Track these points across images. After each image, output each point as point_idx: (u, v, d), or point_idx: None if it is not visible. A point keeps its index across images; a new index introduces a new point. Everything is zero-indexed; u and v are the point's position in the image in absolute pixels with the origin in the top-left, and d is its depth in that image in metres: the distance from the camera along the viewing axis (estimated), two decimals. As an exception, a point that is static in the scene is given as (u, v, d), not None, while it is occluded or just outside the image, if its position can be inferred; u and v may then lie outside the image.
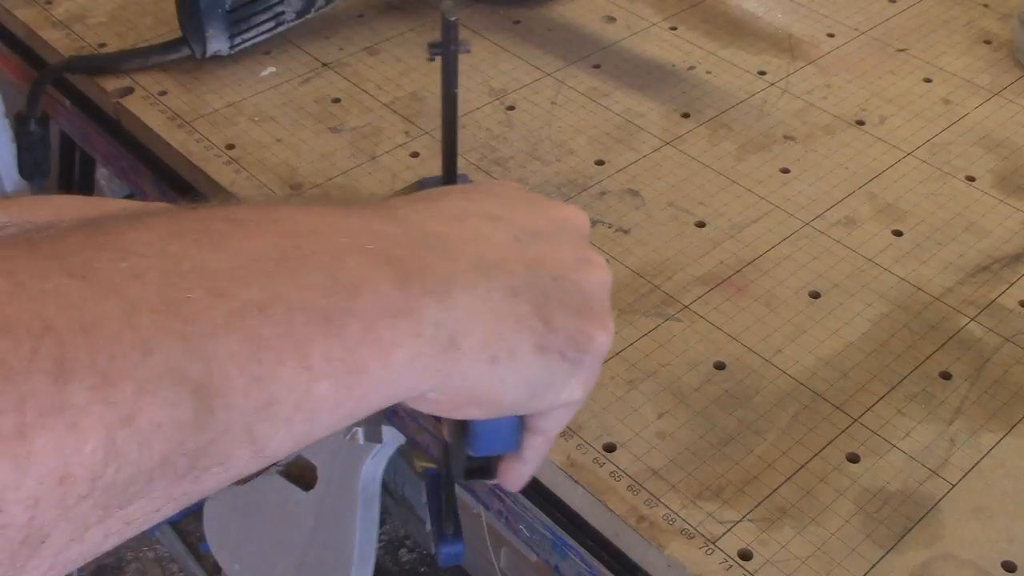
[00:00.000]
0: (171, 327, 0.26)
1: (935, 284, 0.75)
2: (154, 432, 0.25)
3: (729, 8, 1.03)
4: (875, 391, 0.67)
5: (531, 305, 0.36)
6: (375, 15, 1.01)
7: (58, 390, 0.24)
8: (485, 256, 0.35)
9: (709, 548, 0.58)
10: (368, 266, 0.31)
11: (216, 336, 0.27)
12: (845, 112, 0.90)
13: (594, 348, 0.39)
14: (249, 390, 0.27)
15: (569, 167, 0.84)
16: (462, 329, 0.33)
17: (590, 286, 0.40)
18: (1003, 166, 0.85)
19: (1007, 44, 0.98)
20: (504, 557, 0.74)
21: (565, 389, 0.39)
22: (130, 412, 0.25)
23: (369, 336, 0.30)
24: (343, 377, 0.30)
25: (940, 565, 0.58)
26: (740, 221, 0.80)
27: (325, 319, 0.29)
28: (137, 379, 0.25)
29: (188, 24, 0.90)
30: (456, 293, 0.33)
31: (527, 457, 0.44)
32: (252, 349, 0.28)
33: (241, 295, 0.28)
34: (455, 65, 0.46)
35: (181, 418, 0.26)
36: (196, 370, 0.26)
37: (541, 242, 0.39)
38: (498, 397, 0.36)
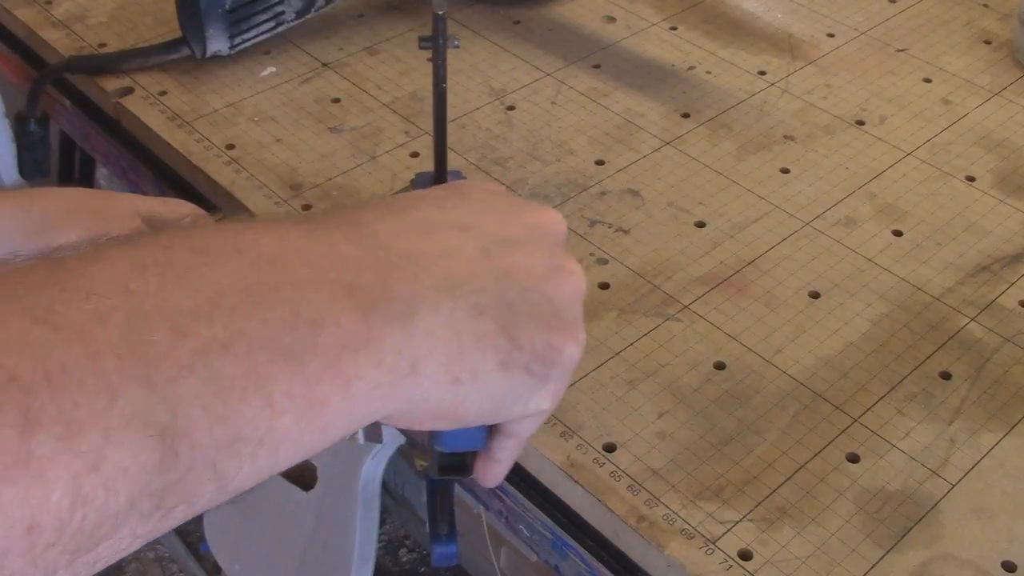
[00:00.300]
0: (135, 372, 0.26)
1: (935, 284, 0.75)
2: (120, 476, 0.26)
3: (729, 8, 1.03)
4: (875, 391, 0.67)
5: (496, 323, 0.36)
6: (375, 15, 1.01)
7: (24, 442, 0.24)
8: (452, 272, 0.35)
9: (709, 548, 0.58)
10: (330, 300, 0.31)
11: (180, 378, 0.27)
12: (845, 112, 0.90)
13: (562, 361, 0.38)
14: (213, 429, 0.28)
15: (569, 167, 0.84)
16: (422, 353, 0.33)
17: (561, 296, 0.39)
18: (1003, 166, 0.85)
19: (1007, 44, 0.98)
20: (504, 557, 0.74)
21: (531, 401, 0.38)
22: (96, 459, 0.25)
23: (330, 371, 0.30)
24: (304, 411, 0.30)
25: (940, 565, 0.58)
26: (740, 221, 0.80)
27: (287, 356, 0.29)
28: (102, 426, 0.25)
29: (188, 24, 0.90)
30: (418, 317, 0.33)
31: (499, 457, 0.44)
32: (216, 389, 0.28)
33: (204, 333, 0.28)
34: (444, 59, 0.46)
35: (147, 461, 0.26)
36: (161, 413, 0.26)
37: (513, 251, 0.38)
38: (461, 414, 0.36)
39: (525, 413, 0.39)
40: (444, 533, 0.55)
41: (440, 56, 0.46)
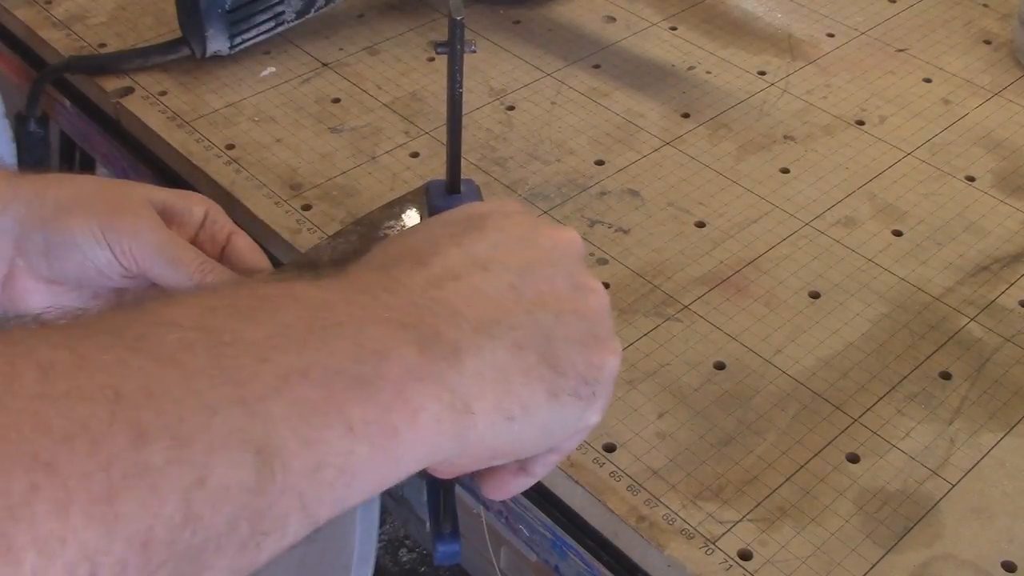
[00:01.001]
0: (228, 392, 0.27)
1: (935, 284, 0.75)
2: (223, 494, 0.26)
3: (729, 8, 1.03)
4: (875, 391, 0.67)
5: (537, 355, 0.36)
6: (375, 15, 1.01)
7: (138, 452, 0.25)
8: (486, 314, 0.36)
9: (709, 548, 0.58)
10: (388, 333, 0.32)
11: (268, 399, 0.28)
12: (845, 112, 0.90)
13: (604, 376, 0.39)
14: (302, 452, 0.28)
15: (569, 167, 0.84)
16: (474, 392, 0.34)
17: (591, 313, 0.40)
18: (1003, 166, 0.85)
19: (1007, 44, 0.98)
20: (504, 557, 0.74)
21: (581, 420, 0.39)
22: (202, 473, 0.26)
23: (399, 399, 0.31)
24: (378, 440, 0.30)
25: (940, 565, 0.58)
26: (740, 221, 0.80)
27: (360, 383, 0.30)
28: (206, 440, 0.26)
29: (188, 24, 0.90)
30: (464, 359, 0.34)
31: (536, 472, 0.44)
32: (301, 412, 0.29)
33: (284, 361, 0.29)
34: (461, 64, 0.46)
35: (245, 480, 0.27)
36: (256, 431, 0.27)
37: (537, 279, 0.39)
38: (518, 449, 0.37)
39: (577, 429, 0.40)
40: (447, 531, 0.55)
41: (457, 61, 0.46)
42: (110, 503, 0.24)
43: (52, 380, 0.25)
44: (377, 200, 0.80)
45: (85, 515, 0.23)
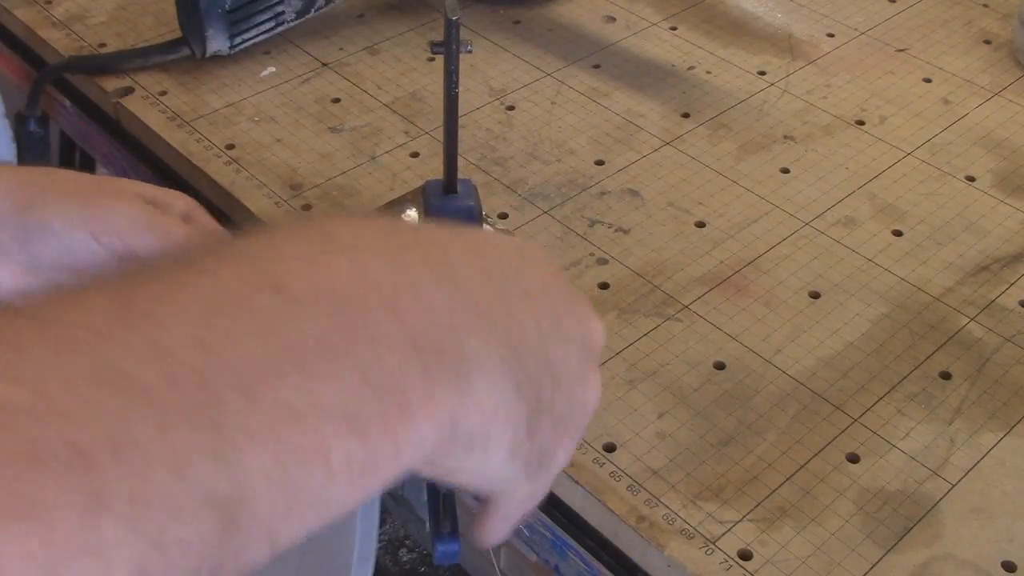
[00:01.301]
0: (204, 443, 0.25)
1: (935, 284, 0.75)
2: (182, 552, 0.25)
3: (729, 8, 1.03)
4: (875, 391, 0.67)
5: (527, 410, 0.35)
6: (375, 15, 1.01)
7: (89, 525, 0.23)
8: (513, 343, 0.34)
9: (709, 548, 0.58)
10: (400, 363, 0.30)
11: (247, 451, 0.26)
12: (845, 112, 0.90)
13: (553, 466, 0.38)
14: (273, 499, 0.27)
15: (569, 167, 0.84)
16: (463, 416, 0.33)
17: (579, 405, 0.38)
18: (1003, 166, 0.85)
19: (1007, 44, 0.98)
20: (504, 557, 0.74)
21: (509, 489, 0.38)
22: (160, 537, 0.24)
23: (387, 437, 0.30)
24: (358, 478, 0.29)
25: (940, 565, 0.58)
26: (740, 221, 0.80)
27: (350, 423, 0.29)
28: (168, 505, 0.24)
29: (188, 24, 0.90)
30: (475, 379, 0.33)
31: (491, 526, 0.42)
32: (281, 460, 0.27)
33: (275, 396, 0.27)
34: (457, 64, 0.46)
35: (207, 534, 0.25)
36: (225, 488, 0.26)
37: (558, 344, 0.37)
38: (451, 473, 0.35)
39: (500, 495, 0.39)
40: (447, 531, 0.55)
41: (452, 62, 0.46)
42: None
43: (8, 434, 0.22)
44: (377, 200, 0.80)
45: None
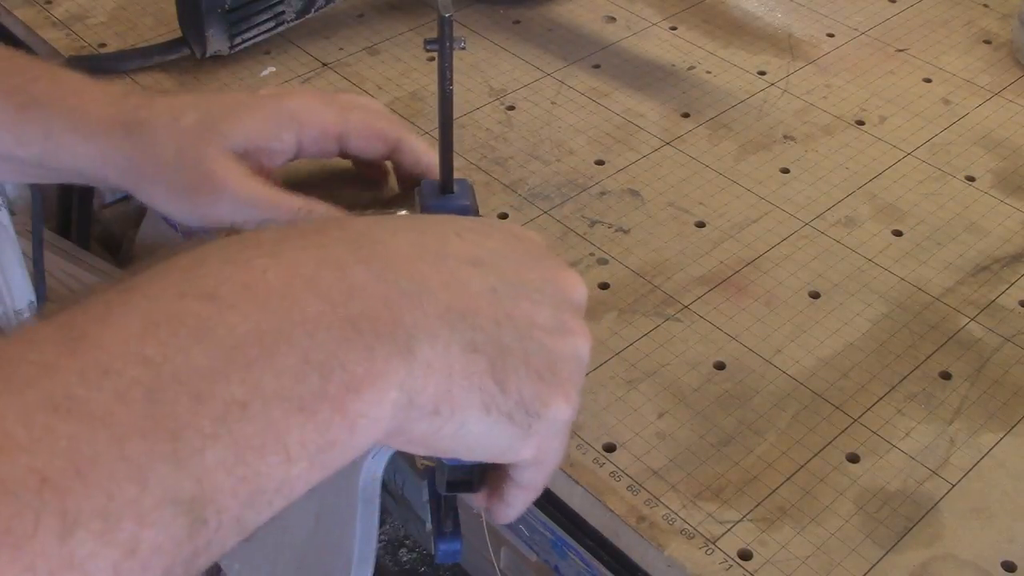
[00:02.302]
0: (161, 450, 0.27)
1: (935, 284, 0.75)
2: (155, 554, 0.26)
3: (729, 8, 1.03)
4: (875, 391, 0.67)
5: (488, 363, 0.35)
6: (375, 15, 1.01)
7: (65, 545, 0.24)
8: (455, 304, 0.35)
9: (709, 548, 0.58)
10: (338, 339, 0.31)
11: (204, 449, 0.27)
12: (845, 112, 0.90)
13: (548, 415, 0.37)
14: (237, 491, 0.28)
15: (569, 167, 0.84)
16: (419, 386, 0.33)
17: (562, 353, 0.38)
18: (1003, 166, 0.85)
19: (1007, 44, 0.98)
20: (504, 557, 0.74)
21: (511, 449, 0.38)
22: (133, 545, 0.25)
23: (338, 415, 0.31)
24: (316, 456, 0.30)
25: (940, 565, 0.58)
26: (740, 221, 0.80)
27: (300, 407, 0.30)
28: (136, 512, 0.26)
29: (188, 24, 0.90)
30: (419, 348, 0.33)
31: (511, 503, 0.43)
32: (237, 452, 0.28)
33: (222, 394, 0.28)
34: (451, 61, 0.46)
35: (177, 534, 0.27)
36: (188, 488, 0.27)
37: (521, 297, 0.38)
38: (432, 444, 0.36)
39: (509, 460, 0.39)
40: (448, 530, 0.55)
41: (446, 59, 0.46)
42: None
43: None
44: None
45: None
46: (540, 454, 0.39)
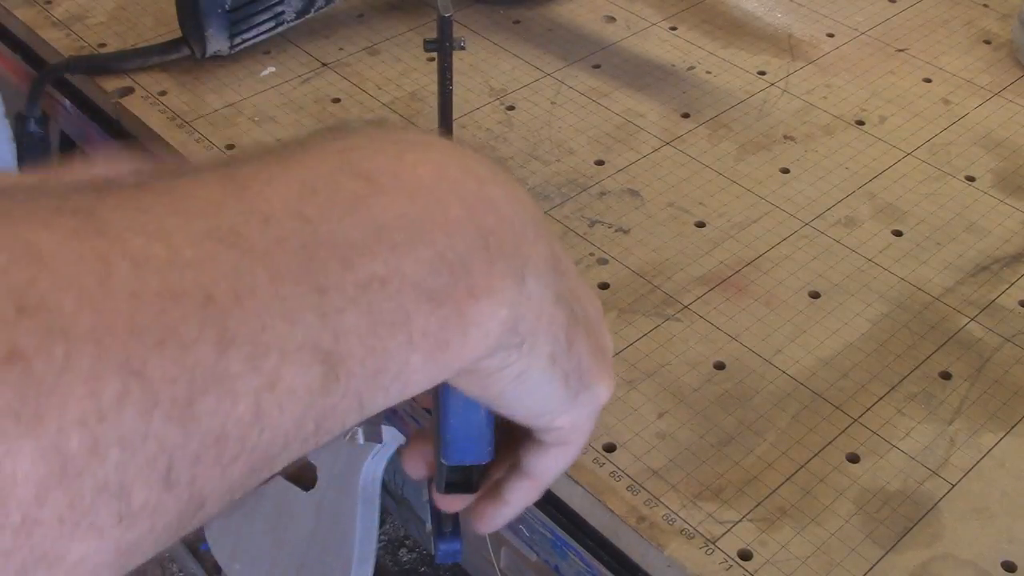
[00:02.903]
0: (310, 301, 0.28)
1: (935, 284, 0.75)
2: (290, 397, 0.27)
3: (729, 8, 1.03)
4: (875, 391, 0.67)
5: (565, 319, 0.37)
6: (375, 15, 1.01)
7: (220, 359, 0.26)
8: (552, 259, 0.37)
9: (709, 548, 0.58)
10: (471, 246, 0.33)
11: (345, 310, 0.29)
12: (845, 112, 0.90)
13: (596, 390, 0.40)
14: (365, 360, 0.29)
15: (569, 167, 0.84)
16: (522, 312, 0.35)
17: (604, 341, 0.41)
18: (1003, 166, 0.85)
19: (1007, 44, 0.98)
20: (504, 557, 0.73)
21: (550, 414, 0.39)
22: (274, 379, 0.27)
23: (456, 316, 0.32)
24: (431, 351, 0.31)
25: (940, 565, 0.58)
26: (740, 221, 0.80)
27: (429, 297, 0.31)
28: (281, 349, 0.27)
29: (188, 24, 0.90)
30: (528, 277, 0.35)
31: (509, 499, 0.44)
32: (371, 323, 0.30)
33: (367, 267, 0.30)
34: (450, 61, 0.46)
35: (312, 384, 0.28)
36: (327, 342, 0.28)
37: (579, 286, 0.40)
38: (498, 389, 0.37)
39: (539, 424, 0.40)
40: (448, 530, 0.55)
41: (446, 59, 0.46)
42: (189, 406, 0.25)
43: (145, 277, 0.25)
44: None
45: (166, 416, 0.25)
46: (570, 431, 0.40)
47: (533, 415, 0.39)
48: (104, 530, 0.24)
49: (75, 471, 0.23)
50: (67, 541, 0.23)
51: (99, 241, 0.25)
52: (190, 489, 0.26)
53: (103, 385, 0.24)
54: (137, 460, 0.24)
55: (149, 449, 0.24)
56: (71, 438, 0.23)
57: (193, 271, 0.26)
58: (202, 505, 0.26)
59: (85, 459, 0.23)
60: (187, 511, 0.26)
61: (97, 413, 0.23)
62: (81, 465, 0.23)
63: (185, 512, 0.26)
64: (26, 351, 0.23)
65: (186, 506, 0.26)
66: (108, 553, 0.24)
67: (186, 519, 0.26)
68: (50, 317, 0.23)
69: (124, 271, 0.25)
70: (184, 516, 0.26)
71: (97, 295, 0.24)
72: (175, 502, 0.25)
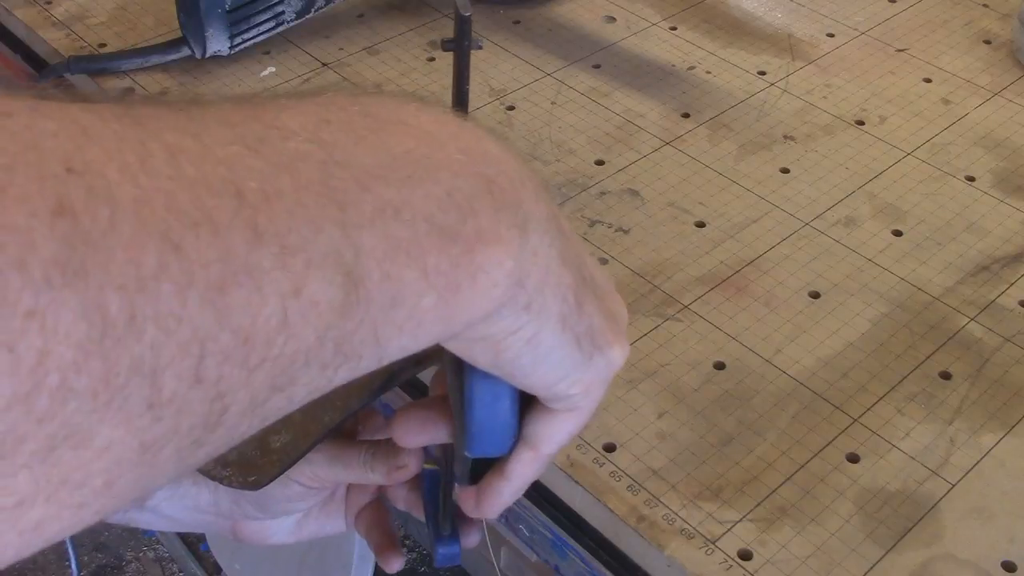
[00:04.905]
0: (331, 213, 0.28)
1: (935, 284, 0.75)
2: (313, 309, 0.28)
3: (729, 8, 1.03)
4: (875, 391, 0.67)
5: (573, 279, 0.37)
6: (375, 15, 1.01)
7: (251, 251, 0.26)
8: (555, 220, 0.37)
9: (709, 548, 0.58)
10: (475, 190, 0.33)
11: (363, 228, 0.29)
12: (845, 112, 0.90)
13: (609, 353, 0.39)
14: (383, 285, 0.30)
15: (569, 167, 0.84)
16: (527, 268, 0.35)
17: (616, 307, 0.41)
18: (1003, 166, 0.85)
19: (1007, 44, 0.98)
20: (504, 557, 0.73)
21: (565, 380, 0.39)
22: (299, 284, 0.27)
23: (466, 257, 0.32)
24: (443, 292, 0.32)
25: (940, 565, 0.58)
26: (740, 221, 0.80)
27: (440, 233, 0.31)
28: (307, 253, 0.27)
29: (188, 24, 0.90)
30: (531, 230, 0.35)
31: (511, 472, 0.43)
32: (388, 247, 0.30)
33: (383, 193, 0.30)
34: (468, 61, 0.46)
35: (333, 299, 0.28)
36: (349, 256, 0.28)
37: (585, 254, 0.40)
38: (504, 347, 0.36)
39: (553, 391, 0.39)
40: (446, 533, 0.55)
41: (464, 58, 0.46)
42: (222, 293, 0.25)
43: (181, 165, 0.26)
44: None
45: (201, 300, 0.25)
46: (584, 396, 0.40)
47: (550, 382, 0.39)
48: (133, 417, 0.24)
49: (113, 340, 0.23)
50: (98, 420, 0.23)
51: (138, 129, 0.26)
52: (217, 388, 0.26)
53: (143, 254, 0.24)
54: (171, 344, 0.24)
55: (183, 334, 0.24)
56: (111, 302, 0.23)
57: (224, 167, 0.26)
58: (225, 412, 0.26)
59: (124, 329, 0.23)
60: (211, 414, 0.26)
61: (137, 281, 0.24)
62: (120, 334, 0.23)
63: (209, 416, 0.26)
64: (75, 206, 0.23)
65: (210, 408, 0.26)
66: (132, 446, 0.24)
67: (209, 425, 0.26)
68: (97, 180, 0.24)
69: (161, 156, 0.25)
70: (208, 421, 0.26)
71: (138, 172, 0.25)
72: (201, 400, 0.25)
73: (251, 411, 0.27)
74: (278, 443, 0.52)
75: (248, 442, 0.52)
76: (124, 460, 0.24)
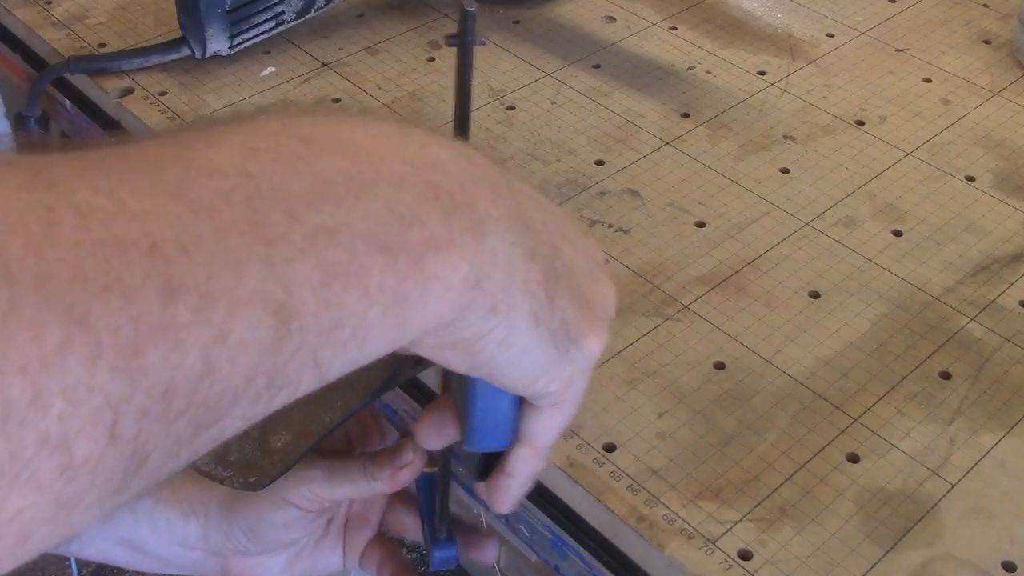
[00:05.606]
0: (257, 250, 0.28)
1: (935, 284, 0.75)
2: (241, 350, 0.27)
3: (729, 8, 1.03)
4: (875, 391, 0.67)
5: (542, 275, 0.37)
6: (375, 15, 1.01)
7: (166, 309, 0.26)
8: (518, 215, 0.36)
9: (709, 548, 0.58)
10: (419, 199, 0.33)
11: (294, 261, 0.29)
12: (845, 112, 0.90)
13: (585, 345, 0.39)
14: (319, 314, 0.29)
15: (569, 167, 0.84)
16: (486, 270, 0.34)
17: (595, 292, 0.40)
18: (1003, 166, 0.85)
19: (1007, 44, 0.98)
20: (504, 557, 0.73)
21: (543, 377, 0.38)
22: (224, 331, 0.27)
23: (415, 267, 0.32)
24: (391, 306, 0.31)
25: (940, 565, 0.58)
26: (740, 221, 0.80)
27: (382, 249, 0.31)
28: (230, 300, 0.27)
29: (188, 24, 0.90)
30: (488, 232, 0.34)
31: (512, 468, 0.44)
32: (323, 275, 0.29)
33: (313, 219, 0.30)
34: (471, 56, 0.46)
35: (263, 338, 0.28)
36: (277, 293, 0.28)
37: (565, 240, 0.39)
38: (478, 349, 0.36)
39: (536, 389, 0.39)
40: (443, 536, 0.55)
41: (467, 53, 0.46)
42: (135, 357, 0.25)
43: (90, 228, 0.25)
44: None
45: (111, 367, 0.24)
46: (566, 390, 0.40)
47: (528, 381, 0.39)
48: (44, 484, 0.24)
49: (16, 422, 0.23)
50: (6, 494, 0.23)
51: (47, 193, 0.25)
52: (134, 444, 0.25)
53: (46, 332, 0.23)
54: (81, 412, 0.24)
55: (94, 401, 0.24)
56: (12, 386, 0.23)
57: (138, 221, 0.26)
58: (145, 460, 0.26)
59: (27, 408, 0.23)
60: (130, 466, 0.25)
61: (40, 360, 0.23)
62: (23, 415, 0.23)
63: (129, 467, 0.25)
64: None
65: (129, 461, 0.25)
66: (46, 507, 0.24)
67: (129, 475, 0.26)
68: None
69: (70, 221, 0.25)
70: (128, 471, 0.25)
71: (42, 243, 0.24)
72: (119, 456, 0.25)
73: (176, 453, 0.27)
74: (279, 443, 0.52)
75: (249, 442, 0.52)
76: (38, 519, 0.24)
